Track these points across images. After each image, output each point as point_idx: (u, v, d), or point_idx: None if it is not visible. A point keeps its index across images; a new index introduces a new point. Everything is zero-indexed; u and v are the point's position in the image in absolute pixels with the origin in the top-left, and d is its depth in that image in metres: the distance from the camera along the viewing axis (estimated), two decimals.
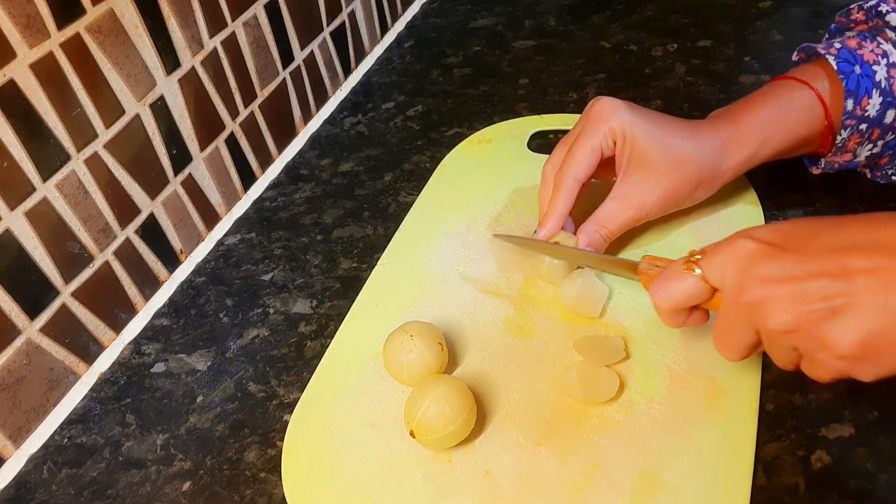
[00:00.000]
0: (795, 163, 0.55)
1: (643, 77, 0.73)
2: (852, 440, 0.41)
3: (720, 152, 0.50)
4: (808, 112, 0.49)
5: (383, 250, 0.58)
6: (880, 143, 0.50)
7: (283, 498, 0.43)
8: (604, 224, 0.51)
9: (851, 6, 0.52)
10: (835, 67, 0.48)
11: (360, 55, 0.83)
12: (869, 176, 0.54)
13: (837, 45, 0.49)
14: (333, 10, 0.76)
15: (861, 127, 0.48)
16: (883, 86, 0.47)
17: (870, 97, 0.47)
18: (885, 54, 0.48)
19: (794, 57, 0.53)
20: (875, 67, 0.48)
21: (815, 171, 0.54)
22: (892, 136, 0.50)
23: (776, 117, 0.49)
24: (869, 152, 0.50)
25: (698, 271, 0.39)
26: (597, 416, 0.43)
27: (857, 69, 0.47)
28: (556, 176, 0.51)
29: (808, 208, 0.55)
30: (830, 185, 0.56)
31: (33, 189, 0.47)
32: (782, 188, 0.56)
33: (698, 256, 0.39)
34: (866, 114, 0.48)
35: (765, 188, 0.56)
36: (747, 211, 0.55)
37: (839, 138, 0.49)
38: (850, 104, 0.48)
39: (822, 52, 0.49)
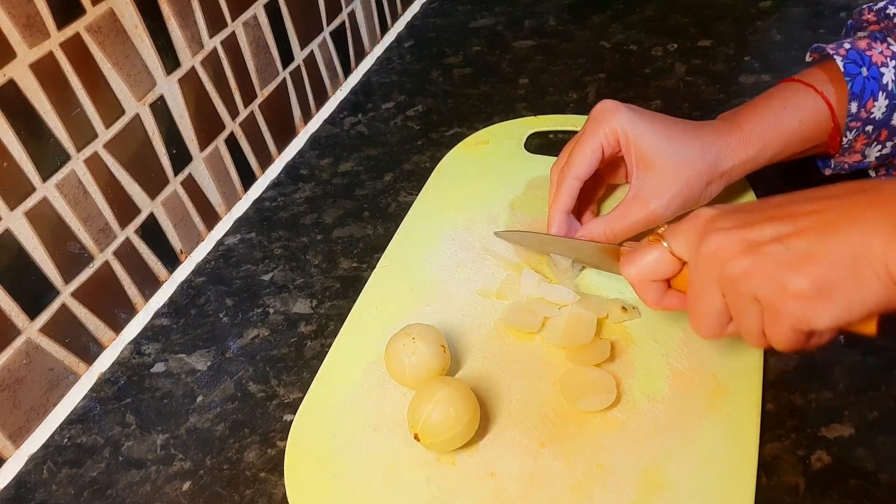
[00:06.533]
0: (796, 165, 0.55)
1: (643, 77, 0.73)
2: (852, 440, 0.41)
3: (724, 153, 0.50)
4: (813, 115, 0.49)
5: (383, 250, 0.58)
6: (889, 144, 0.50)
7: (284, 498, 0.43)
8: (611, 222, 0.52)
9: (863, 7, 0.52)
10: (842, 69, 0.48)
11: (360, 55, 0.83)
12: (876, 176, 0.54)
13: (847, 46, 0.49)
14: (333, 10, 0.76)
15: (867, 129, 0.49)
16: (890, 88, 0.47)
17: (875, 99, 0.47)
18: (894, 56, 0.48)
19: (808, 58, 0.53)
20: (883, 69, 0.48)
21: (828, 171, 0.54)
22: None
23: (779, 120, 0.50)
24: (878, 153, 0.51)
25: (665, 244, 0.40)
26: (600, 416, 0.44)
27: (864, 71, 0.47)
28: (558, 175, 0.53)
29: None
30: None
31: (33, 189, 0.47)
32: (782, 190, 0.56)
33: (663, 230, 0.41)
34: (872, 116, 0.48)
35: (765, 190, 0.56)
36: None
37: (845, 140, 0.49)
38: (854, 107, 0.48)
39: (832, 52, 0.49)
